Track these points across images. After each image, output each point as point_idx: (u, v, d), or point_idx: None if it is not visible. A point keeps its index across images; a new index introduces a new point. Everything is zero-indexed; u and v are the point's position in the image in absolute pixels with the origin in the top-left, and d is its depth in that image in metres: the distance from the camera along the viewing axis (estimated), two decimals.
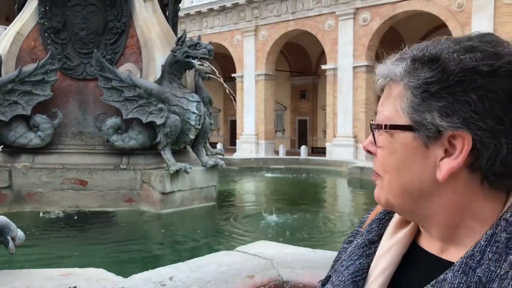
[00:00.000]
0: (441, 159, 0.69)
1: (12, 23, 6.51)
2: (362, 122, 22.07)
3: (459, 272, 0.66)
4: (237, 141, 28.03)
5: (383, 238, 0.83)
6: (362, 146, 0.84)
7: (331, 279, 0.87)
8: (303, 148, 23.37)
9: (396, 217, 0.84)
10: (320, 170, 10.62)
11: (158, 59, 6.07)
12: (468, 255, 0.67)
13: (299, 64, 31.90)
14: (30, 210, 5.70)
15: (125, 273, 2.70)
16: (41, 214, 5.37)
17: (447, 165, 0.68)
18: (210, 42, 6.11)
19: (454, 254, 0.72)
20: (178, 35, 6.05)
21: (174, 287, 2.41)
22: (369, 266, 0.82)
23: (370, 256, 0.83)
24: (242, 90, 27.15)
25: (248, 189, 8.88)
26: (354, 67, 22.22)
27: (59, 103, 6.04)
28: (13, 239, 2.92)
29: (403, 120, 0.72)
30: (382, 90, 0.81)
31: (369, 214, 0.96)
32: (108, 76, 5.73)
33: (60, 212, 5.63)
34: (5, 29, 6.64)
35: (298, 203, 6.99)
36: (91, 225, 5.30)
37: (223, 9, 27.60)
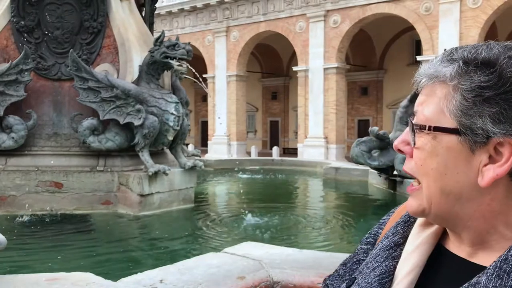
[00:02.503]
0: (485, 165, 0.69)
1: None
2: (333, 123, 22.37)
3: (493, 276, 0.66)
4: (208, 142, 27.94)
5: (408, 240, 0.84)
6: (393, 145, 0.84)
7: (356, 281, 0.87)
8: (275, 149, 23.52)
9: (420, 219, 0.85)
10: (295, 171, 10.71)
11: (136, 60, 6.01)
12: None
13: (271, 65, 32.08)
14: (2, 214, 5.54)
15: (108, 276, 2.67)
16: (18, 219, 5.22)
17: (491, 172, 0.68)
18: (189, 43, 6.08)
19: (484, 259, 0.73)
20: (156, 36, 5.99)
21: None
22: (395, 268, 0.83)
23: (396, 258, 0.84)
24: (214, 91, 27.08)
25: (225, 190, 8.87)
26: (325, 69, 22.49)
27: (33, 103, 5.89)
28: None
29: (449, 122, 0.71)
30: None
31: (388, 216, 0.97)
32: (85, 77, 5.63)
33: (34, 215, 5.48)
34: None
35: (275, 204, 7.03)
36: (67, 228, 5.19)
37: (194, 9, 27.46)
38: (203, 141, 30.59)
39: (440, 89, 0.73)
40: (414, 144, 0.75)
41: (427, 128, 0.73)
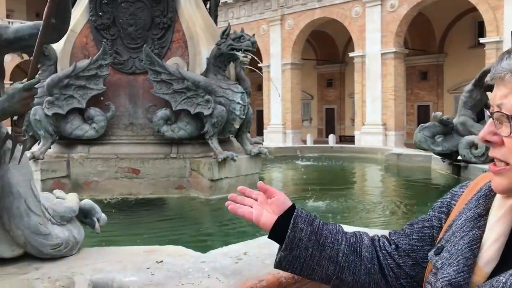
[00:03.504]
0: None
1: None
2: (391, 109, 22.00)
3: None
4: (264, 131, 28.21)
5: (491, 211, 0.97)
6: (479, 137, 0.97)
7: (445, 248, 1.00)
8: (331, 137, 23.40)
9: None
10: (355, 158, 10.77)
11: (204, 52, 6.34)
12: None
13: (326, 52, 31.78)
14: (87, 197, 6.04)
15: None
16: (104, 201, 5.70)
17: None
18: (253, 35, 6.34)
19: None
20: (222, 29, 6.29)
21: (249, 260, 2.64)
22: (481, 237, 0.95)
23: (481, 228, 0.96)
24: (269, 80, 27.23)
25: (286, 176, 9.11)
26: (383, 54, 22.10)
27: (111, 96, 6.36)
28: (98, 220, 3.24)
29: None
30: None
31: (461, 189, 1.11)
32: (158, 70, 6.02)
33: (116, 199, 5.97)
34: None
35: (336, 189, 7.20)
36: (146, 210, 5.63)
37: None
38: (259, 130, 30.92)
39: None
40: (511, 132, 0.88)
41: None
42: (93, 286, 2.29)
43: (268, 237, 1.22)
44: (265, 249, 2.85)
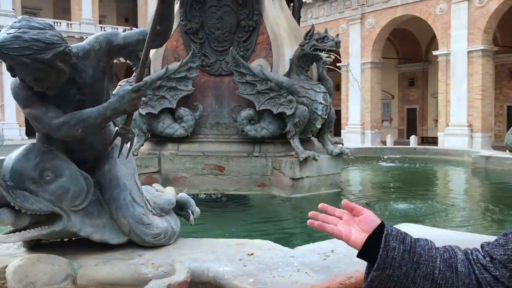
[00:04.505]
0: None
1: None
2: (478, 110, 20.86)
3: None
4: (342, 131, 27.89)
5: None
6: None
7: None
8: (413, 138, 22.66)
9: None
10: (439, 160, 10.38)
11: (287, 54, 6.47)
12: None
13: (408, 50, 30.77)
14: (176, 192, 6.41)
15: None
16: (200, 196, 6.01)
17: None
18: (337, 35, 6.37)
19: None
20: (306, 30, 6.38)
21: (337, 258, 2.69)
22: None
23: None
24: (347, 80, 26.92)
25: (368, 177, 9.01)
26: (469, 52, 21.01)
27: (198, 97, 6.69)
28: (192, 213, 3.46)
29: None
30: None
31: None
32: (243, 72, 6.24)
33: (205, 194, 6.27)
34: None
35: (421, 192, 7.01)
36: (231, 206, 5.87)
37: None
38: (336, 130, 30.58)
39: None
40: None
41: None
42: (191, 273, 2.47)
43: (358, 256, 1.22)
44: (352, 248, 2.88)
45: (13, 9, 34.75)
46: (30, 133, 30.74)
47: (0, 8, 34.11)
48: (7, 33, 2.29)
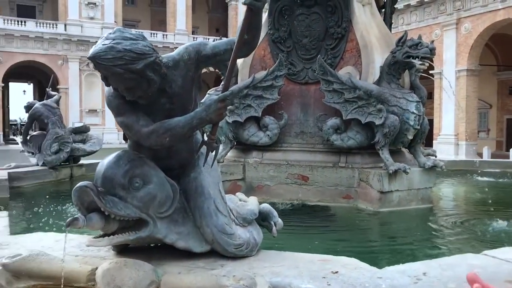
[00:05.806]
0: None
1: None
2: None
3: None
4: (433, 141, 26.54)
5: None
6: None
7: None
8: None
9: None
10: None
11: (377, 61, 6.23)
12: None
13: (509, 57, 28.62)
14: (259, 201, 6.40)
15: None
16: (278, 206, 5.95)
17: None
18: (432, 41, 6.01)
19: None
20: (398, 36, 6.10)
21: (430, 282, 2.47)
22: None
23: None
24: (440, 88, 25.63)
25: (463, 192, 8.40)
26: None
27: (283, 105, 6.65)
28: (274, 224, 3.39)
29: None
30: None
31: None
32: (330, 80, 6.09)
33: (285, 204, 6.19)
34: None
35: None
36: (314, 217, 5.72)
37: (420, 4, 26.46)
38: (427, 140, 29.15)
39: None
40: None
41: None
42: None
43: None
44: (447, 271, 2.66)
45: (115, 21, 37.44)
46: (126, 138, 32.75)
47: (104, 21, 37.05)
48: (103, 44, 2.38)
